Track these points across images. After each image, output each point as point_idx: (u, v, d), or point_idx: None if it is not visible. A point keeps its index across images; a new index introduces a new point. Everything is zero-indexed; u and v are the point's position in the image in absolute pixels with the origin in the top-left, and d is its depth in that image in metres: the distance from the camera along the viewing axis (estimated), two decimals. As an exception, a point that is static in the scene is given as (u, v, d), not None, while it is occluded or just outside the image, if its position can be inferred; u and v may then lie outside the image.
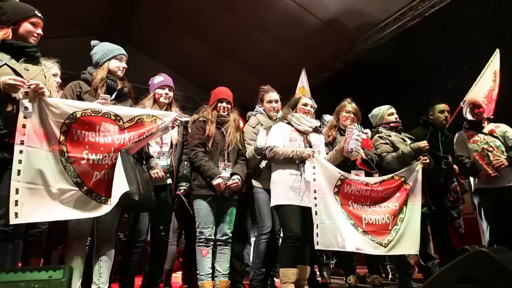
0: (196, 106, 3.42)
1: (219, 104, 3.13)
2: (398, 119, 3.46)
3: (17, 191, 1.95)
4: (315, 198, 2.73)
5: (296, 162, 2.86)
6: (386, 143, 3.27)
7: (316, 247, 2.69)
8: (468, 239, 3.67)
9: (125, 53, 2.70)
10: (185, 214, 3.19)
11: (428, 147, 3.12)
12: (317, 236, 2.67)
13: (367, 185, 2.92)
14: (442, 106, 3.75)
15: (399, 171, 3.04)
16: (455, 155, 3.59)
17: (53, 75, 2.77)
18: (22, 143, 2.01)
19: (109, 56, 2.61)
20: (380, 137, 3.32)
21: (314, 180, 2.76)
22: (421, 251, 2.98)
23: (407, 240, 2.88)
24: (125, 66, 2.66)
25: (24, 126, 2.03)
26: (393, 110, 3.50)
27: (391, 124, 3.42)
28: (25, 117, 2.04)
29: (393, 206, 2.94)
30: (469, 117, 3.72)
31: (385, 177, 2.99)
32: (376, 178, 2.99)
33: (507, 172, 3.37)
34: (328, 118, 3.84)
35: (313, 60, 6.73)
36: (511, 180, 3.37)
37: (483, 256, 1.98)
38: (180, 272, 3.78)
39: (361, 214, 2.84)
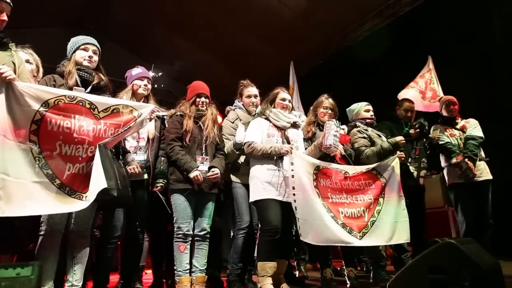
0: (173, 100, 3.38)
1: (198, 99, 3.11)
2: (373, 116, 3.55)
3: None
4: (294, 194, 2.76)
5: (274, 158, 2.88)
6: (364, 137, 3.34)
7: (301, 238, 2.75)
8: (439, 231, 3.84)
9: (92, 42, 2.57)
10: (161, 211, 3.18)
11: (404, 141, 3.21)
12: (300, 228, 2.73)
13: (345, 175, 2.99)
14: (407, 105, 3.91)
15: (375, 165, 3.11)
16: (435, 136, 3.79)
17: (26, 61, 2.64)
18: None
19: (75, 47, 2.52)
20: (359, 131, 3.39)
21: (293, 176, 2.78)
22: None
23: (382, 232, 2.95)
24: (92, 55, 2.54)
25: None
26: (369, 107, 3.57)
27: (367, 121, 3.50)
28: None
29: (367, 199, 3.00)
30: (445, 113, 3.98)
31: (363, 169, 3.07)
32: (355, 168, 3.06)
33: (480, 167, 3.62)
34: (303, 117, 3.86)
35: (292, 56, 6.75)
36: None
37: (451, 248, 2.07)
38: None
39: (338, 207, 2.89)
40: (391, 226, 3.00)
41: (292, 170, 2.79)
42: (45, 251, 2.28)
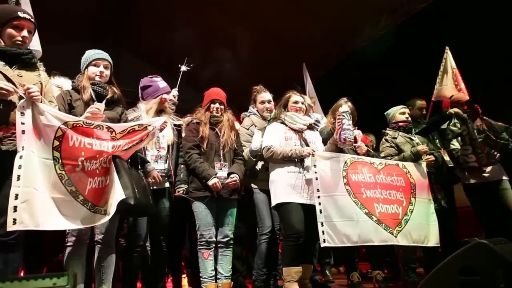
0: (190, 108, 3.41)
1: (212, 105, 3.13)
2: (409, 118, 3.54)
3: (16, 197, 1.90)
4: (318, 197, 2.71)
5: (295, 160, 2.86)
6: (391, 146, 3.37)
7: (323, 245, 2.65)
8: (468, 231, 3.72)
9: (103, 57, 2.62)
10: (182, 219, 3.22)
11: (426, 150, 3.19)
12: (323, 233, 2.64)
13: (376, 168, 2.97)
14: (420, 103, 3.88)
15: (401, 162, 3.10)
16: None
17: (58, 87, 2.80)
18: (22, 148, 1.98)
19: (87, 63, 2.59)
20: (386, 139, 3.40)
21: (317, 179, 2.74)
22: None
23: (416, 232, 2.90)
24: (103, 70, 2.58)
25: (23, 132, 2.00)
26: (405, 110, 3.59)
27: (400, 124, 3.48)
28: (22, 123, 2.01)
29: (400, 197, 2.97)
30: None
31: (388, 161, 3.05)
32: (381, 160, 3.05)
33: (493, 167, 3.45)
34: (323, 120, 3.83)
35: (305, 58, 6.72)
36: (497, 175, 3.45)
37: (483, 248, 2.00)
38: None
39: (373, 203, 2.84)
40: (424, 227, 2.96)
41: (316, 173, 2.76)
42: (73, 261, 2.34)
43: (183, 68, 3.30)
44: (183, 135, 3.26)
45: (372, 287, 3.00)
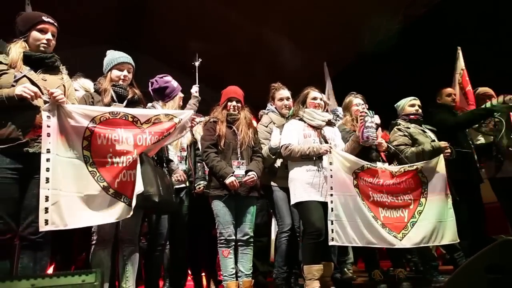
0: (208, 108, 3.44)
1: (229, 103, 3.13)
2: (419, 111, 3.43)
3: (46, 199, 2.00)
4: (331, 195, 2.73)
5: (313, 158, 2.84)
6: (405, 135, 3.25)
7: (330, 243, 2.67)
8: (495, 228, 3.61)
9: (127, 61, 2.65)
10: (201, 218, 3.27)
11: (447, 145, 3.10)
12: (332, 232, 2.67)
13: (391, 174, 2.91)
14: (449, 90, 3.76)
15: (419, 164, 3.00)
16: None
17: (86, 90, 2.90)
18: (48, 151, 2.06)
19: (110, 65, 2.61)
20: (399, 129, 3.30)
21: (331, 176, 2.75)
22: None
23: (423, 233, 2.84)
24: (126, 74, 2.61)
25: (48, 134, 2.08)
26: (415, 101, 3.46)
27: (411, 116, 3.39)
28: (48, 126, 2.09)
29: (408, 199, 2.92)
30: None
31: (408, 168, 2.97)
32: (398, 167, 2.98)
33: None
34: (340, 110, 3.81)
35: (324, 55, 6.67)
36: None
37: (510, 245, 1.94)
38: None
39: (379, 207, 2.83)
40: (434, 226, 2.88)
41: (331, 170, 2.75)
42: (98, 259, 2.38)
43: (196, 63, 3.33)
44: (197, 136, 3.32)
45: (395, 286, 2.95)
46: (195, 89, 3.37)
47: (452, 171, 3.07)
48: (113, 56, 2.66)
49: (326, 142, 2.95)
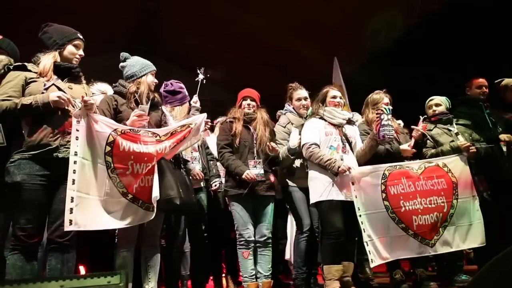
0: (223, 109, 3.49)
1: (243, 102, 3.17)
2: (436, 111, 3.38)
3: (72, 199, 2.09)
4: (360, 215, 2.71)
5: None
6: (427, 138, 3.23)
7: (372, 265, 2.69)
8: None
9: (155, 68, 2.78)
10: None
11: (467, 146, 3.02)
12: (370, 254, 2.67)
13: (416, 173, 2.86)
14: (480, 81, 3.60)
15: (443, 158, 2.96)
16: None
17: (103, 93, 3.04)
18: (75, 154, 2.15)
19: (146, 70, 2.69)
20: None
21: (356, 197, 2.73)
22: None
23: (454, 237, 2.80)
24: (157, 81, 2.78)
25: (77, 138, 2.17)
26: (430, 102, 3.43)
27: (432, 118, 3.36)
28: (77, 130, 2.18)
29: (440, 202, 2.83)
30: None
31: (428, 163, 2.93)
32: (419, 163, 2.94)
33: None
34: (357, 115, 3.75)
35: (337, 53, 6.62)
36: None
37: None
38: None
39: (412, 216, 2.76)
40: (464, 229, 2.84)
41: (354, 191, 2.73)
42: (122, 261, 2.45)
43: (200, 76, 3.40)
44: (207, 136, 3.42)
45: (418, 286, 2.90)
46: (194, 99, 3.44)
47: (483, 168, 3.01)
48: (146, 62, 2.73)
49: (348, 140, 2.95)
